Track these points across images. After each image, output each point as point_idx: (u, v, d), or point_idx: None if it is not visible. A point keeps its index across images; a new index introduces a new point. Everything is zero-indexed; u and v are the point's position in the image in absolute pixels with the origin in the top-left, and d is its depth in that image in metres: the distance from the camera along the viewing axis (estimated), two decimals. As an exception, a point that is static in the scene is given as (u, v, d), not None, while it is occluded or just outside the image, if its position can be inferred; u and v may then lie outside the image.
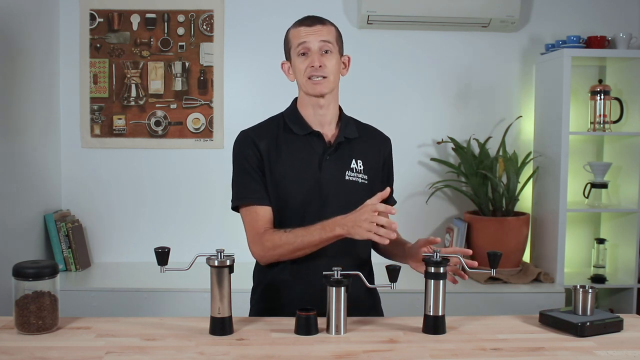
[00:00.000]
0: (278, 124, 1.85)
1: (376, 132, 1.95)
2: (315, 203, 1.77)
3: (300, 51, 1.76)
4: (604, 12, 3.33)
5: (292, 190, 1.77)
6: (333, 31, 1.79)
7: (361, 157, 1.84)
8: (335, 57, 1.78)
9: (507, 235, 3.04)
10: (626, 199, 3.14)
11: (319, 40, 1.75)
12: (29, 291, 1.54)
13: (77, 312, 2.18)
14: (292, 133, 1.81)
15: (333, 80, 1.78)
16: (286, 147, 1.80)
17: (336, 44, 1.79)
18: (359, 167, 1.82)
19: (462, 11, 3.10)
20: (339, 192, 1.78)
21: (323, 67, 1.74)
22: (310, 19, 1.78)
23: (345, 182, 1.80)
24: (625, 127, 3.15)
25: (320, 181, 1.78)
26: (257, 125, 1.87)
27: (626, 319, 1.67)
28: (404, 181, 3.25)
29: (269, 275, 1.83)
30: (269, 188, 1.78)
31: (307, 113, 1.82)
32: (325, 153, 1.80)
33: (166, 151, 3.26)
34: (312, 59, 1.74)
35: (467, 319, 1.70)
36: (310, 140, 1.81)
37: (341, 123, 1.85)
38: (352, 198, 1.78)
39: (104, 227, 3.27)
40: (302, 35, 1.75)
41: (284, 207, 1.77)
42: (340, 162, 1.81)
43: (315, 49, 1.75)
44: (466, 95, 3.34)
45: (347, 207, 1.71)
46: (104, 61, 3.22)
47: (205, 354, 1.42)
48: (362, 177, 1.82)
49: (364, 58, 3.26)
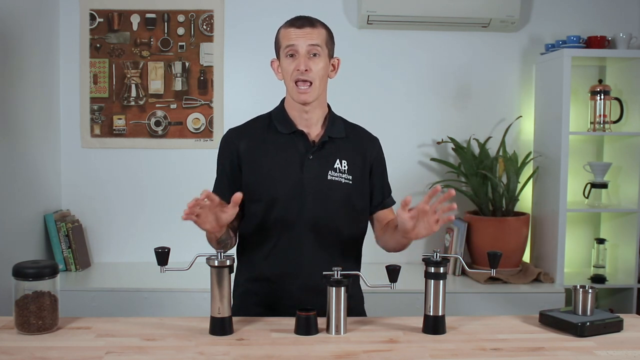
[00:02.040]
0: (264, 123, 1.87)
1: (363, 133, 1.94)
2: (297, 202, 1.77)
3: (288, 52, 1.76)
4: (604, 12, 3.33)
5: (274, 188, 1.78)
6: (323, 34, 1.78)
7: (346, 157, 1.83)
8: (323, 61, 1.77)
9: (507, 235, 3.04)
10: (626, 199, 3.14)
11: (307, 43, 1.74)
12: (29, 291, 1.54)
13: (77, 312, 2.17)
14: (277, 132, 1.83)
15: (319, 85, 1.77)
16: (270, 145, 1.81)
17: (325, 46, 1.78)
18: (343, 167, 1.82)
19: (462, 11, 3.09)
20: (320, 192, 1.78)
21: (309, 71, 1.74)
22: (300, 20, 1.78)
23: (328, 181, 1.79)
24: (625, 127, 3.15)
25: (302, 180, 1.78)
26: (243, 124, 1.90)
27: (626, 319, 1.67)
28: (404, 181, 3.26)
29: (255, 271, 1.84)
30: (252, 185, 1.79)
31: (293, 114, 1.83)
32: (308, 152, 1.80)
33: (166, 151, 3.26)
34: (299, 62, 1.74)
35: (467, 319, 1.70)
36: (294, 139, 1.82)
37: (327, 122, 1.86)
38: (334, 197, 1.79)
39: (104, 227, 3.27)
40: (291, 37, 1.75)
41: (268, 204, 1.78)
42: (324, 162, 1.81)
43: (303, 52, 1.74)
44: (466, 95, 3.34)
45: (327, 206, 1.74)
46: (104, 61, 3.22)
47: (205, 354, 1.42)
48: (345, 177, 1.81)
49: (364, 58, 3.26)
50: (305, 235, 1.78)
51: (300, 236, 1.78)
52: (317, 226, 1.78)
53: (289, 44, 1.75)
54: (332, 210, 1.78)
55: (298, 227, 1.77)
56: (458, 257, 1.77)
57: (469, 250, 3.15)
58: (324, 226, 1.78)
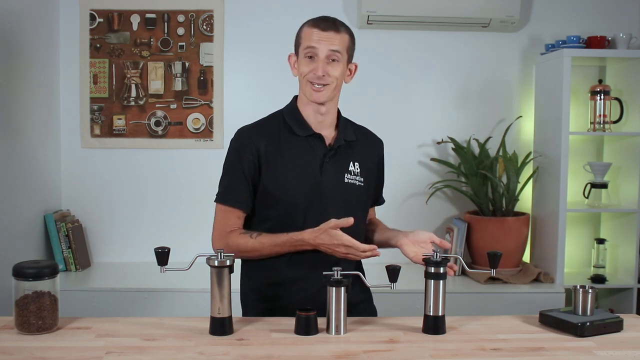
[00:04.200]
0: (279, 122, 1.83)
1: (370, 135, 1.96)
2: (317, 205, 1.77)
3: (307, 54, 1.75)
4: (604, 12, 3.33)
5: (293, 192, 1.76)
6: (346, 40, 1.76)
7: (358, 159, 1.85)
8: (342, 67, 1.76)
9: (507, 235, 3.04)
10: (626, 199, 3.14)
11: (328, 48, 1.73)
12: (29, 291, 1.54)
13: (77, 312, 2.18)
14: (293, 134, 1.80)
15: (334, 88, 1.77)
16: (287, 147, 1.79)
17: (346, 52, 1.77)
18: (356, 169, 1.83)
19: (462, 11, 3.09)
20: (338, 195, 1.79)
21: (326, 76, 1.74)
22: (325, 22, 1.75)
23: (345, 184, 1.81)
24: (625, 127, 3.15)
25: (321, 184, 1.78)
26: (257, 123, 1.86)
27: (626, 319, 1.67)
28: (404, 181, 3.26)
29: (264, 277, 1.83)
30: (271, 189, 1.77)
31: (307, 113, 1.82)
32: (326, 156, 1.80)
33: (166, 151, 3.26)
34: (317, 66, 1.73)
35: (467, 319, 1.70)
36: (312, 143, 1.81)
37: (340, 125, 1.85)
38: (350, 200, 1.81)
39: (104, 227, 3.27)
40: (313, 39, 1.73)
41: (287, 208, 1.77)
42: (340, 165, 1.81)
43: (323, 56, 1.73)
44: (466, 95, 3.34)
45: (346, 209, 1.75)
46: (104, 61, 3.22)
47: (205, 354, 1.42)
48: (359, 180, 1.83)
49: (364, 58, 3.23)
50: None
51: None
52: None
53: (310, 45, 1.73)
54: (351, 212, 1.75)
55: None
56: (458, 257, 1.77)
57: (469, 250, 3.15)
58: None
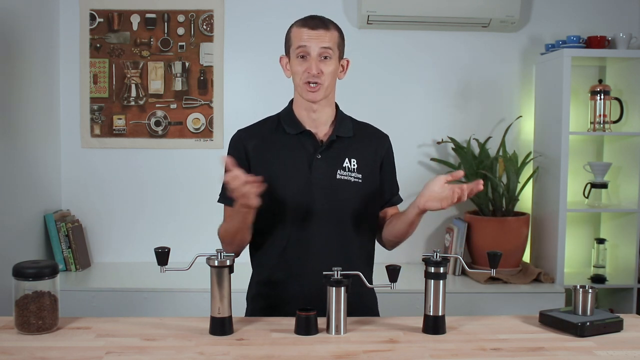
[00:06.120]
0: (272, 124, 1.86)
1: (373, 130, 1.94)
2: (306, 202, 1.77)
3: (299, 53, 1.75)
4: (604, 12, 3.33)
5: (283, 189, 1.77)
6: (335, 36, 1.77)
7: (355, 155, 1.83)
8: (334, 63, 1.77)
9: (507, 235, 3.04)
10: (626, 199, 3.14)
11: (319, 46, 1.73)
12: (29, 291, 1.54)
13: (77, 312, 2.18)
14: (285, 133, 1.82)
15: (328, 85, 1.77)
16: (277, 146, 1.81)
17: (337, 49, 1.78)
18: (352, 165, 1.81)
19: (462, 11, 3.10)
20: (329, 191, 1.78)
21: (320, 74, 1.74)
22: (314, 21, 1.76)
23: (337, 181, 1.79)
24: (625, 127, 3.15)
25: (311, 180, 1.77)
26: (252, 125, 1.89)
27: (626, 319, 1.67)
28: (404, 181, 3.23)
29: (264, 273, 1.83)
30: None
31: (301, 114, 1.83)
32: (317, 152, 1.80)
33: (166, 151, 3.26)
34: (310, 65, 1.73)
35: (467, 319, 1.70)
36: (302, 140, 1.81)
37: (337, 122, 1.85)
38: (343, 197, 1.78)
39: (104, 227, 3.27)
40: (303, 38, 1.74)
41: (278, 206, 1.77)
42: (332, 161, 1.80)
43: (315, 54, 1.73)
44: (466, 95, 3.34)
45: (336, 205, 1.74)
46: (104, 61, 3.22)
47: (205, 354, 1.42)
48: (355, 176, 1.81)
49: (364, 58, 3.26)
50: (315, 235, 1.76)
51: (311, 236, 1.76)
52: (328, 226, 1.77)
53: (301, 44, 1.74)
54: (341, 209, 1.76)
55: (309, 227, 1.76)
56: (458, 257, 1.77)
57: (469, 250, 3.15)
58: (334, 226, 1.77)
